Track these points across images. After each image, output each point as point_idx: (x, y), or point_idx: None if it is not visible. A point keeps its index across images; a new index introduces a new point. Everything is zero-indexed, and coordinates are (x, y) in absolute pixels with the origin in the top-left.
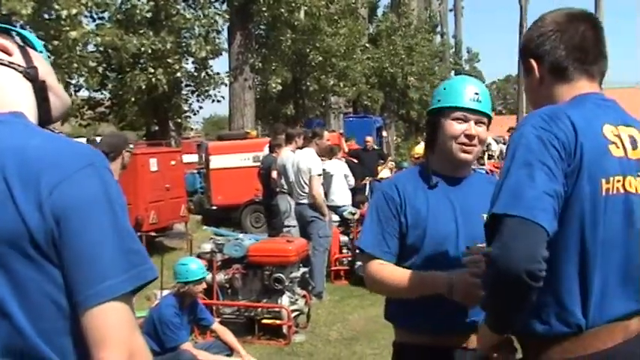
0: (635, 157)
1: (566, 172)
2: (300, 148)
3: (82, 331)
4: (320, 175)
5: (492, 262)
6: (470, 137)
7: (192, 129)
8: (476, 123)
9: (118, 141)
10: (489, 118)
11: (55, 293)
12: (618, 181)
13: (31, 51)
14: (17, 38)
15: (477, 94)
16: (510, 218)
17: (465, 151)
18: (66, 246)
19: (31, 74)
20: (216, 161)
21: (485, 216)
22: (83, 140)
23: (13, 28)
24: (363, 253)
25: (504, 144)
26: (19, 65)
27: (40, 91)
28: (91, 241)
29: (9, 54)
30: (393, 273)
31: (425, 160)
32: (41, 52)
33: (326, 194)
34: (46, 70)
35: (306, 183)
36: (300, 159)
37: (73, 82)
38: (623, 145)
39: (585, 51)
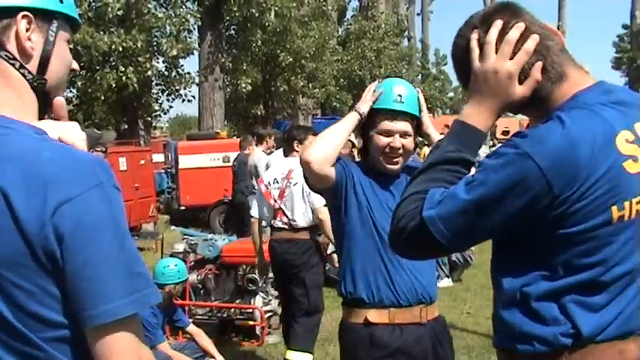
0: None
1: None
2: (274, 149)
3: (84, 340)
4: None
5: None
6: (394, 149)
7: (160, 128)
8: (401, 136)
9: (89, 141)
10: (415, 117)
11: (53, 305)
12: (638, 202)
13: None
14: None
15: (400, 95)
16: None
17: (390, 163)
18: (69, 265)
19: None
20: (186, 161)
21: None
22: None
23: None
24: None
25: None
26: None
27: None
28: (94, 262)
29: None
30: (321, 136)
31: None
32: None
33: None
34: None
35: None
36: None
37: None
38: None
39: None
